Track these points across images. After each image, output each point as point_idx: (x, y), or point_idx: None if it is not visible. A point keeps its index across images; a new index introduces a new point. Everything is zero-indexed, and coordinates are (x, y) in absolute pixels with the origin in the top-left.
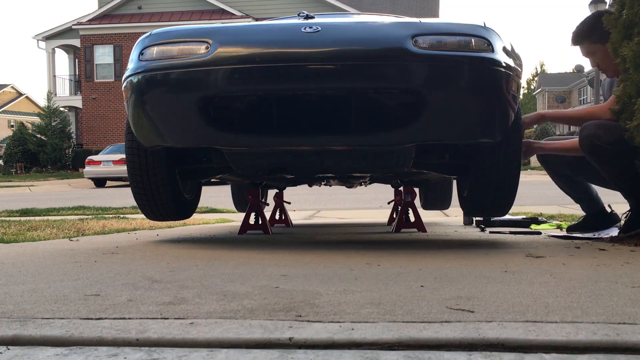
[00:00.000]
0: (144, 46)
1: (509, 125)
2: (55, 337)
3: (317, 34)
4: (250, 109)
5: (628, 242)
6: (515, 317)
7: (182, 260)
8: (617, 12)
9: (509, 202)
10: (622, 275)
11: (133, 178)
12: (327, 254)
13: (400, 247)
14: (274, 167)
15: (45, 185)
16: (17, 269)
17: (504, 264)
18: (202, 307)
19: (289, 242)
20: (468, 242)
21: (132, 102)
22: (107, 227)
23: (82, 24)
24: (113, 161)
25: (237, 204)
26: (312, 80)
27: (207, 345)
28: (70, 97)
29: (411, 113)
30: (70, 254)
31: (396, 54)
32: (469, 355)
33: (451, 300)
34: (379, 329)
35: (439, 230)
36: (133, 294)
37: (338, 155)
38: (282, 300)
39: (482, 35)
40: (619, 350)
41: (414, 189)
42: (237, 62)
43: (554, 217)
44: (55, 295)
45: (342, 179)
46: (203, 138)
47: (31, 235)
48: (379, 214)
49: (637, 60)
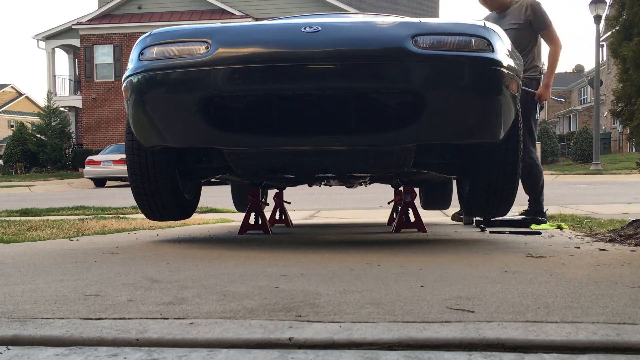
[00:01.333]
0: (144, 46)
1: (509, 125)
2: (55, 337)
3: (317, 33)
4: (250, 109)
5: (628, 242)
6: (515, 317)
7: (182, 260)
8: (617, 12)
9: (509, 202)
10: (622, 275)
11: (133, 178)
12: (327, 254)
13: (400, 247)
14: (274, 167)
15: (45, 185)
16: (17, 269)
17: (504, 264)
18: (202, 307)
19: (289, 242)
20: (468, 242)
21: (132, 102)
22: (107, 227)
23: (82, 24)
24: (113, 161)
25: (237, 204)
26: (312, 80)
27: (207, 345)
28: (70, 97)
29: (411, 113)
30: (70, 254)
31: (396, 54)
32: (469, 355)
33: (451, 300)
34: (379, 329)
35: (439, 230)
36: (133, 294)
37: (338, 155)
38: (282, 300)
39: (482, 35)
40: (619, 350)
41: (414, 189)
42: (237, 62)
43: (554, 217)
44: (55, 295)
45: (342, 179)
46: (203, 138)
47: (31, 235)
48: (379, 214)
49: (637, 61)
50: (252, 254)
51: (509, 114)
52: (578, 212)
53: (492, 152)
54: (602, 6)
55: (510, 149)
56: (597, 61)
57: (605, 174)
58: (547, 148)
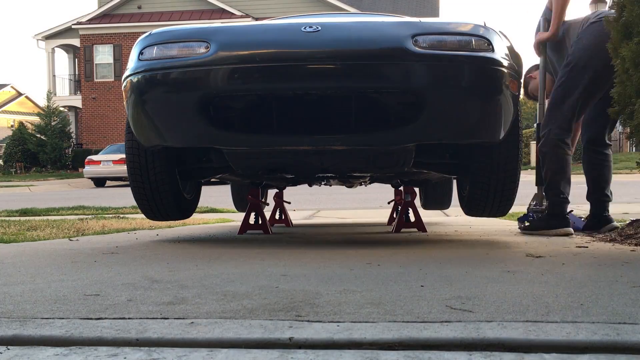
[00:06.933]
0: (143, 46)
1: (509, 125)
2: (55, 337)
3: (317, 33)
4: (250, 108)
5: (628, 242)
6: (515, 317)
7: (182, 260)
8: (617, 12)
9: (509, 202)
10: (622, 275)
11: (133, 178)
12: (327, 254)
13: (400, 247)
14: (274, 167)
15: (45, 185)
16: (17, 269)
17: (504, 264)
18: (202, 307)
19: (289, 242)
20: (468, 242)
21: (132, 102)
22: (107, 227)
23: (81, 24)
24: (113, 161)
25: (237, 204)
26: (312, 80)
27: (207, 345)
28: (70, 96)
29: (411, 113)
30: (70, 254)
31: (396, 54)
32: (469, 355)
33: (451, 300)
34: (379, 329)
35: (439, 230)
36: (133, 294)
37: (338, 155)
38: (282, 300)
39: (483, 35)
40: (619, 350)
41: (414, 188)
42: (237, 62)
43: None
44: (55, 295)
45: (342, 179)
46: (203, 138)
47: (31, 235)
48: (379, 214)
49: (636, 61)
50: (252, 254)
51: (509, 114)
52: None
53: (492, 152)
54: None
55: (511, 148)
56: None
57: None
58: None
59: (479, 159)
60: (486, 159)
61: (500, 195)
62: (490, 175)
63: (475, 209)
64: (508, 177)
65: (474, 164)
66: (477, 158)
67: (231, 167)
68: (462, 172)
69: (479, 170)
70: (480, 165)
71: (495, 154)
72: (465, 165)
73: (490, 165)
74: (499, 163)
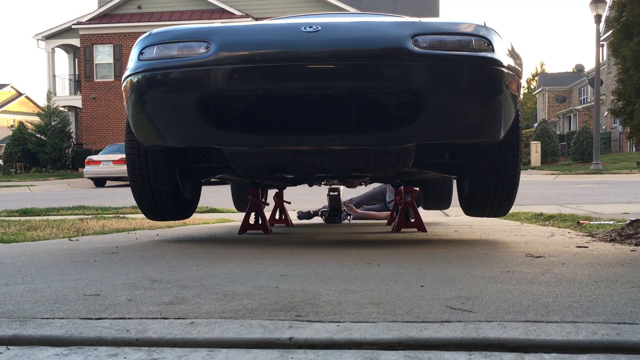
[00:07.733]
0: (143, 46)
1: (509, 125)
2: (55, 337)
3: (317, 33)
4: (250, 108)
5: (628, 242)
6: (515, 317)
7: (182, 260)
8: (617, 12)
9: (509, 202)
10: (622, 275)
11: (133, 178)
12: (327, 254)
13: (400, 247)
14: (274, 167)
15: (45, 185)
16: (17, 269)
17: (504, 264)
18: (202, 307)
19: (289, 241)
20: (468, 242)
21: (132, 102)
22: (107, 227)
23: (81, 24)
24: (113, 161)
25: (237, 204)
26: (312, 80)
27: (207, 345)
28: (70, 96)
29: (411, 113)
30: (70, 254)
31: (396, 54)
32: (469, 355)
33: (451, 300)
34: (379, 329)
35: (439, 230)
36: (133, 294)
37: (338, 155)
38: (282, 300)
39: (483, 35)
40: (619, 350)
41: (414, 188)
42: (237, 62)
43: (554, 217)
44: (55, 295)
45: (342, 179)
46: (203, 138)
47: (31, 235)
48: None
49: (637, 60)
50: (252, 254)
51: (509, 114)
52: (578, 211)
53: (492, 152)
54: (602, 6)
55: (510, 148)
56: (597, 61)
57: (606, 174)
58: (547, 148)
59: (479, 159)
60: (486, 159)
61: (500, 196)
62: (490, 175)
63: (475, 209)
64: (508, 177)
65: (473, 164)
66: (477, 158)
67: (231, 167)
68: (462, 172)
69: (479, 170)
70: (480, 165)
71: (495, 154)
72: (465, 165)
73: (490, 165)
74: (499, 163)
